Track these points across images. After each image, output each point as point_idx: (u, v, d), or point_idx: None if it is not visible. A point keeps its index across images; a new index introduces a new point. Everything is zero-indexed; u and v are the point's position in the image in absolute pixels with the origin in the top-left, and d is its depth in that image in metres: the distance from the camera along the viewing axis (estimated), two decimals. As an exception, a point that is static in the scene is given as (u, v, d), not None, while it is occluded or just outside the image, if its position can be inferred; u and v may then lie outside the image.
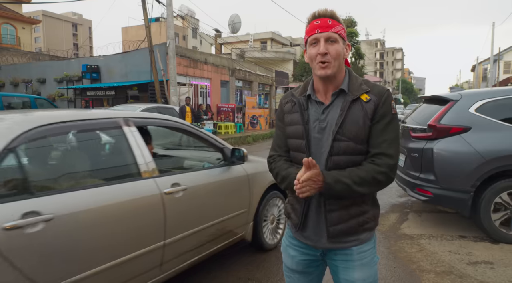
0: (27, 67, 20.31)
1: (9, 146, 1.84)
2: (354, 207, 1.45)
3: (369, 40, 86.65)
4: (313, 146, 1.45)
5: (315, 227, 1.49)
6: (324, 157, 1.42)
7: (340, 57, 1.41)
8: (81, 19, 72.07)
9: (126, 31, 42.21)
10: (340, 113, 1.40)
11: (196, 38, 48.45)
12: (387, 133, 1.40)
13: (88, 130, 2.47)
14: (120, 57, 16.97)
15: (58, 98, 18.40)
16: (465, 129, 4.01)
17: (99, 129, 2.55)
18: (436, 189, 4.04)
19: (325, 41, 1.39)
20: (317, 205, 1.47)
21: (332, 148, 1.39)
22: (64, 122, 2.18)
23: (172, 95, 13.83)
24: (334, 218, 1.43)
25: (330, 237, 1.45)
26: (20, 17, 29.44)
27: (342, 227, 1.44)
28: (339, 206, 1.43)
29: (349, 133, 1.38)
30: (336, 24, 1.40)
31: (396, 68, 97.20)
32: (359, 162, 1.42)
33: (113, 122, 2.43)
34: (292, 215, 1.56)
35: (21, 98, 14.12)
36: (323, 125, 1.43)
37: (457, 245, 3.87)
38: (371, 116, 1.39)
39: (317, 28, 1.40)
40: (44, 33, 59.13)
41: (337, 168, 1.40)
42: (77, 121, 2.29)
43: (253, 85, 22.63)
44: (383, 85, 1.58)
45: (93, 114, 2.47)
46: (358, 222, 1.45)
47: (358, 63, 34.82)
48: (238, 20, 28.52)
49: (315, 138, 1.44)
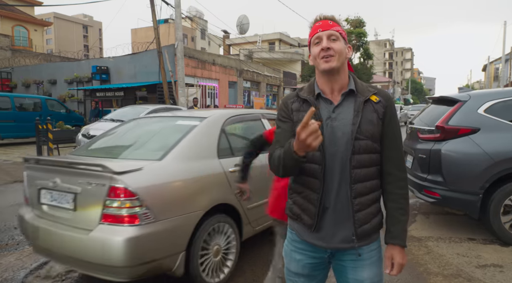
0: (38, 68, 20.63)
1: (223, 126, 3.34)
2: (373, 205, 1.49)
3: (378, 40, 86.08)
4: (326, 142, 1.44)
5: (332, 227, 1.47)
6: (340, 156, 1.43)
7: (343, 54, 1.45)
8: (91, 21, 72.96)
9: (136, 33, 42.53)
10: (355, 113, 1.44)
11: (205, 39, 48.62)
12: (396, 136, 1.52)
13: (249, 120, 3.87)
14: (129, 58, 17.15)
15: (68, 99, 18.65)
16: (474, 130, 3.95)
17: (253, 120, 3.89)
18: (444, 190, 3.99)
19: (327, 38, 1.45)
20: (341, 205, 1.45)
21: (353, 147, 1.42)
22: (239, 115, 3.71)
23: (180, 96, 13.91)
24: (361, 217, 1.45)
25: (359, 238, 1.45)
26: (32, 19, 29.91)
27: (368, 227, 1.47)
28: (365, 205, 1.46)
29: (367, 132, 1.43)
30: (336, 25, 1.48)
31: (405, 68, 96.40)
32: (376, 160, 1.48)
33: (257, 116, 3.93)
34: (304, 216, 1.51)
35: (32, 99, 14.37)
36: (334, 124, 1.45)
37: (466, 248, 3.82)
38: (382, 117, 1.47)
39: (319, 28, 1.48)
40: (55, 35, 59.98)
41: (362, 167, 1.44)
42: (244, 115, 3.83)
43: (261, 86, 22.65)
44: (386, 88, 1.61)
45: (248, 111, 4.08)
46: (378, 220, 1.51)
47: (367, 63, 34.58)
48: (246, 21, 28.61)
49: (328, 136, 1.45)
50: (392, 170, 1.51)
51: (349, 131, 1.43)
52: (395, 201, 1.51)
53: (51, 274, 3.29)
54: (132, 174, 2.46)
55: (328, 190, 1.46)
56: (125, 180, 2.40)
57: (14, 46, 26.25)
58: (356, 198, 1.44)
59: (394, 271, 1.49)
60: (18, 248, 3.86)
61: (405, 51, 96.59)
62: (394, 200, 1.51)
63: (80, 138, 9.94)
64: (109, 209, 2.41)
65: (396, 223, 1.50)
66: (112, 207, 2.40)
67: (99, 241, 2.38)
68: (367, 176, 1.45)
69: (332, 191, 1.46)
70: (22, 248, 3.87)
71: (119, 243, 2.32)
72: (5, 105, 12.75)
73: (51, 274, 3.28)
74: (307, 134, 1.20)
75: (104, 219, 2.41)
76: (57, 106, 15.04)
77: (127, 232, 2.36)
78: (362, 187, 1.44)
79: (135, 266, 2.42)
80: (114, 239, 2.34)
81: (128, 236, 2.34)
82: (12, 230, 4.44)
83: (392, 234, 1.49)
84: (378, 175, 1.51)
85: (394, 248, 1.49)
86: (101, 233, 2.39)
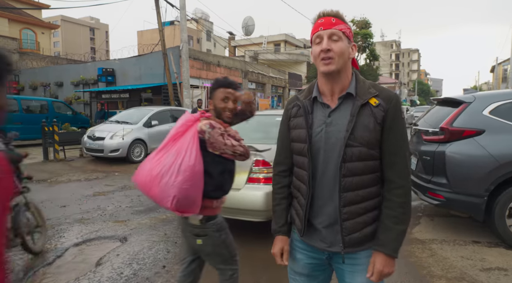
0: (45, 71, 20.84)
1: None
2: (367, 214, 1.43)
3: (385, 41, 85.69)
4: (319, 150, 1.43)
5: (321, 233, 1.48)
6: (334, 163, 1.40)
7: (344, 55, 1.39)
8: (98, 24, 73.52)
9: (142, 35, 42.83)
10: (350, 118, 1.38)
11: (210, 41, 48.80)
12: (399, 141, 1.41)
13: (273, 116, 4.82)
14: (135, 60, 17.25)
15: (74, 102, 18.80)
16: (479, 132, 3.91)
17: None
18: (448, 192, 3.95)
19: (328, 38, 1.38)
20: (330, 211, 1.44)
21: (344, 154, 1.37)
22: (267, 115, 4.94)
23: (185, 98, 13.96)
24: (350, 226, 1.41)
25: (346, 246, 1.43)
26: (39, 22, 30.22)
27: (357, 236, 1.42)
28: (355, 214, 1.41)
29: (361, 139, 1.37)
30: (340, 22, 1.39)
31: (412, 69, 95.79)
32: (374, 167, 1.41)
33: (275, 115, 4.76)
34: (296, 219, 1.56)
35: (39, 102, 14.51)
36: (328, 129, 1.41)
37: (470, 251, 3.77)
38: (380, 121, 1.38)
39: (320, 26, 1.40)
40: (62, 38, 60.52)
41: (354, 175, 1.38)
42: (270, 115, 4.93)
43: (266, 87, 22.65)
44: (393, 89, 1.57)
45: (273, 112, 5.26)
46: (372, 229, 1.44)
47: (373, 64, 34.44)
48: (251, 22, 28.64)
49: (320, 142, 1.42)
50: (392, 177, 1.41)
51: (342, 137, 1.38)
52: (391, 208, 1.41)
53: (57, 274, 3.32)
54: (267, 152, 3.79)
55: (318, 196, 1.46)
56: (264, 155, 3.78)
57: (22, 49, 26.52)
58: (345, 207, 1.40)
59: (373, 278, 1.41)
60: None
61: (412, 52, 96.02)
62: (390, 207, 1.42)
63: (86, 140, 10.04)
64: (253, 174, 3.79)
65: (386, 231, 1.41)
66: (255, 173, 3.79)
67: (248, 195, 3.72)
68: (360, 184, 1.40)
69: (322, 198, 1.45)
70: (26, 249, 3.90)
71: (260, 196, 3.68)
72: (12, 107, 12.89)
73: (57, 275, 3.31)
74: None
75: (249, 181, 3.80)
76: (64, 108, 15.17)
77: (264, 188, 3.71)
78: (353, 195, 1.40)
79: (269, 210, 3.22)
80: (256, 193, 3.71)
81: (265, 191, 3.67)
82: (17, 231, 4.47)
83: (379, 242, 1.41)
84: (377, 181, 1.44)
85: (378, 255, 1.41)
86: (248, 190, 3.76)
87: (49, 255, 3.74)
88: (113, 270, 3.38)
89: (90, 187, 7.08)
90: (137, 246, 3.98)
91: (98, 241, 4.18)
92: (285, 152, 1.60)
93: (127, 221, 4.91)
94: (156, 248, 3.93)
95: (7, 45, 23.52)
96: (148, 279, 3.21)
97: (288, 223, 1.60)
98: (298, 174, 1.53)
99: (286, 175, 1.61)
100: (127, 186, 7.12)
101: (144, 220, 4.92)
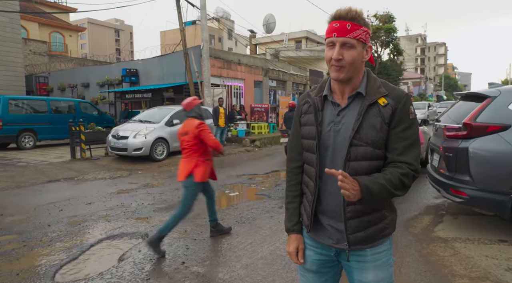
0: (72, 72, 21.54)
1: None
2: (374, 213, 1.42)
3: (409, 36, 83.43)
4: (327, 148, 1.44)
5: (328, 230, 1.49)
6: (340, 161, 1.41)
7: (356, 63, 1.37)
8: (123, 25, 75.21)
9: (164, 35, 43.46)
10: (357, 117, 1.38)
11: (232, 39, 49.00)
12: (405, 140, 1.37)
13: None
14: (157, 60, 17.54)
15: (100, 102, 19.35)
16: (504, 127, 3.77)
17: None
18: (472, 190, 3.84)
19: (340, 46, 1.35)
20: (336, 209, 1.44)
21: (349, 153, 1.37)
22: None
23: (206, 96, 14.10)
24: (354, 225, 1.42)
25: (351, 244, 1.44)
26: (67, 25, 31.24)
27: (362, 235, 1.42)
28: (360, 213, 1.41)
29: (367, 138, 1.36)
30: (357, 27, 1.34)
31: (438, 63, 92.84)
32: (379, 167, 1.40)
33: None
34: (304, 216, 1.58)
35: (67, 102, 15.01)
36: (337, 128, 1.42)
37: (496, 250, 3.65)
38: (388, 121, 1.37)
39: (334, 31, 1.36)
40: (89, 40, 62.28)
41: (358, 174, 1.37)
42: None
43: (287, 85, 22.54)
44: (418, 84, 1.52)
45: None
46: (377, 229, 1.43)
47: (397, 59, 33.61)
48: (272, 20, 28.56)
49: (329, 141, 1.43)
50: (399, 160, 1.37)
51: (348, 136, 1.38)
52: (388, 173, 1.34)
53: (82, 269, 3.45)
54: None
55: (324, 193, 1.47)
56: None
57: (51, 51, 27.52)
58: (349, 205, 1.40)
59: (340, 178, 1.22)
60: (51, 245, 4.07)
61: (438, 46, 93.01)
62: (387, 172, 1.35)
63: (110, 139, 10.32)
64: None
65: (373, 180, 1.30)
66: None
67: None
68: None
69: (329, 195, 1.46)
70: (54, 244, 4.07)
71: None
72: (42, 108, 13.40)
73: (82, 269, 3.44)
74: None
75: None
76: (90, 108, 15.64)
77: None
78: None
79: None
80: None
81: None
82: (46, 227, 4.68)
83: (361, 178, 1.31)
84: None
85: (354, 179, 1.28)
86: None
87: (74, 250, 3.90)
88: (135, 265, 3.49)
89: (115, 185, 7.29)
90: (158, 242, 4.08)
91: (121, 237, 4.31)
92: (298, 148, 1.61)
93: (149, 218, 5.03)
94: (176, 245, 4.01)
95: (38, 48, 24.47)
96: (168, 275, 3.29)
97: (301, 221, 1.62)
98: (307, 170, 1.55)
99: (299, 171, 1.62)
100: (149, 184, 7.29)
101: (165, 217, 5.02)
